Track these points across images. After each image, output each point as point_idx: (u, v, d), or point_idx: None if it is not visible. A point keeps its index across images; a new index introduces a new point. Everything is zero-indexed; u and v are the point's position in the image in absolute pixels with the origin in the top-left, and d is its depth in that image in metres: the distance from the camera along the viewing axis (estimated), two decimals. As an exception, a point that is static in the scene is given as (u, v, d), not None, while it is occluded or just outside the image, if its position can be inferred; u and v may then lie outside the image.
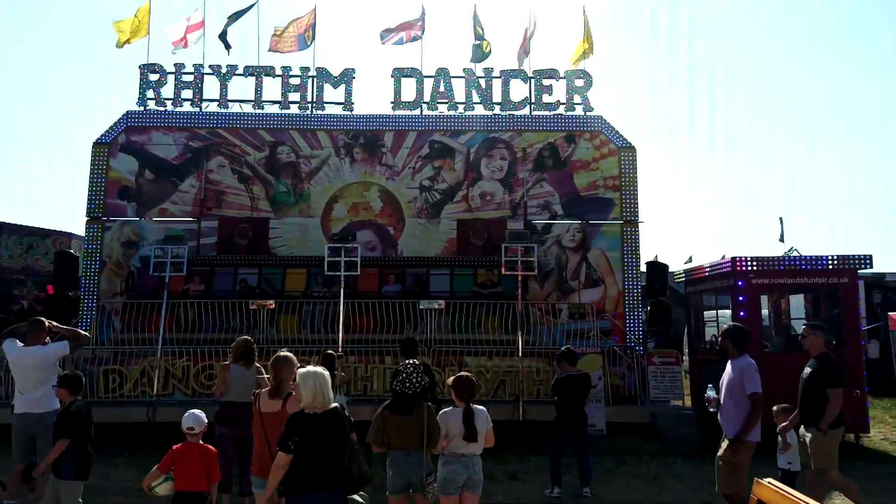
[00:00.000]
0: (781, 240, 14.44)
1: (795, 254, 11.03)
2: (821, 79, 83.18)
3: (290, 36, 14.32)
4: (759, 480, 4.22)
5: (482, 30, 14.45)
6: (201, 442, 5.13)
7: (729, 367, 5.88)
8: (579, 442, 7.66)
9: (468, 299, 11.87)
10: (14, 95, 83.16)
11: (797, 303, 12.26)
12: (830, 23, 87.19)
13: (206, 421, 5.23)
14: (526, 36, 14.42)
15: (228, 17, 14.42)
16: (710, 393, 6.01)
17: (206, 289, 12.23)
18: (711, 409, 5.96)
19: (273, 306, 11.50)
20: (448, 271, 12.72)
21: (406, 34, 14.45)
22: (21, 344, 6.46)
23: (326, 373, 4.31)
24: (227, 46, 14.37)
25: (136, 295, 12.34)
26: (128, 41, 14.12)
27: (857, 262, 10.32)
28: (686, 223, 64.89)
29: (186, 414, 5.17)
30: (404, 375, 4.95)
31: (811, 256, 10.62)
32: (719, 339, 6.09)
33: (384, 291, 12.20)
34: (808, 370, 6.42)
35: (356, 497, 4.47)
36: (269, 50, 14.31)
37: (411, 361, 5.12)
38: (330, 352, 7.89)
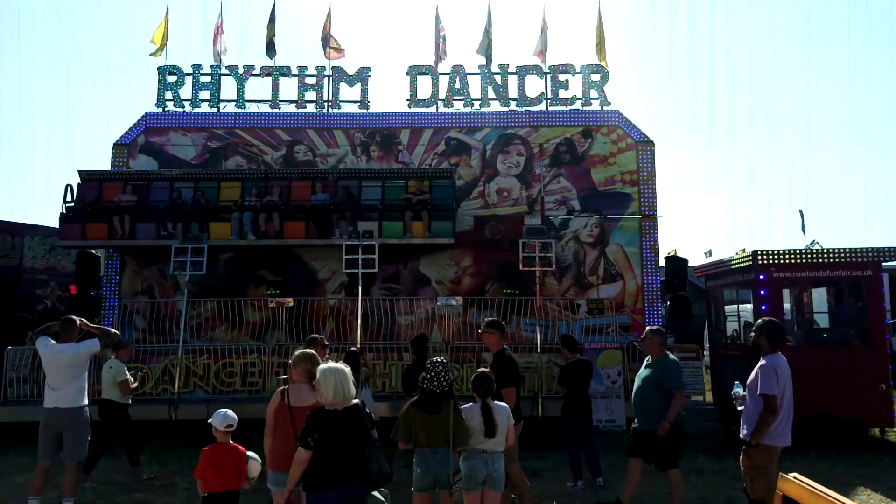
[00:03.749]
0: (803, 233, 14.22)
1: (817, 247, 10.85)
2: (841, 70, 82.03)
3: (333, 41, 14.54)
4: (785, 476, 4.18)
5: (490, 31, 14.38)
6: (232, 442, 5.13)
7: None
8: (585, 429, 7.74)
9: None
10: (34, 98, 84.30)
11: (820, 296, 12.11)
12: (851, 13, 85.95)
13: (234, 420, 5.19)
14: (542, 37, 14.32)
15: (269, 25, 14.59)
16: (738, 390, 5.83)
17: (139, 200, 12.63)
18: (739, 408, 5.77)
19: (292, 304, 11.57)
20: (379, 183, 12.98)
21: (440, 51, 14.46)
22: (54, 342, 6.60)
23: (347, 369, 4.31)
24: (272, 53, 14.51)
25: (78, 215, 12.46)
26: (160, 49, 14.38)
27: (881, 254, 10.16)
28: (705, 217, 64.33)
29: (224, 413, 5.12)
30: (433, 374, 4.94)
31: (833, 249, 10.48)
32: (752, 333, 5.89)
33: (313, 200, 12.54)
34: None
35: (376, 494, 4.48)
36: (329, 59, 14.42)
37: (439, 359, 5.11)
38: (353, 349, 7.92)
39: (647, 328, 7.02)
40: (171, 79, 13.95)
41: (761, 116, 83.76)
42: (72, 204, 12.64)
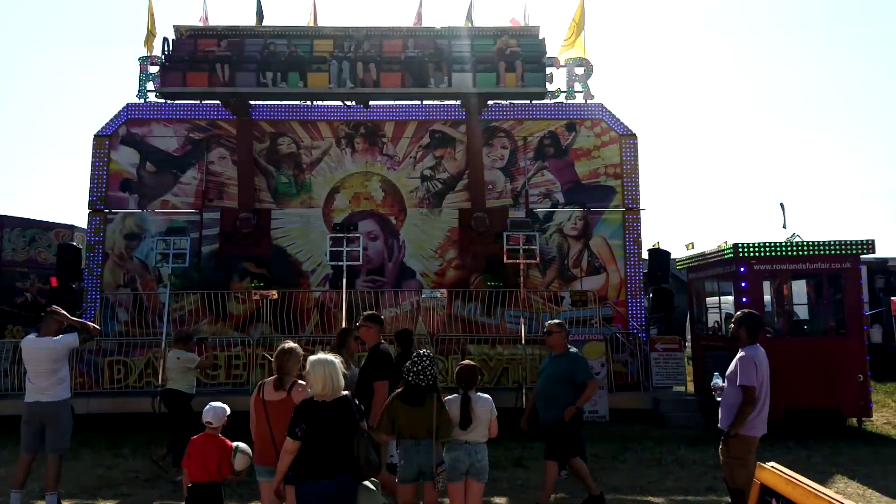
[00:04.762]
0: (784, 226, 14.41)
1: (798, 239, 10.97)
2: (823, 64, 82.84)
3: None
4: (762, 465, 4.23)
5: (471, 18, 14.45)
6: (220, 436, 5.09)
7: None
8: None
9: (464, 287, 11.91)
10: (15, 89, 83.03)
11: (800, 288, 12.27)
12: (833, 7, 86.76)
13: (227, 414, 5.11)
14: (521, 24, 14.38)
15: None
16: (717, 381, 5.87)
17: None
18: (718, 399, 5.79)
19: (276, 296, 11.55)
20: (469, 41, 13.49)
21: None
22: (35, 336, 6.56)
23: (337, 360, 4.33)
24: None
25: (178, 64, 12.93)
26: (149, 42, 14.24)
27: (859, 246, 10.31)
28: (688, 210, 64.85)
29: (206, 407, 5.10)
30: (419, 367, 4.94)
31: (813, 242, 10.62)
32: (732, 325, 5.94)
33: (406, 54, 12.97)
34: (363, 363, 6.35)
35: (367, 483, 4.51)
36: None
37: (425, 352, 5.11)
38: (347, 327, 7.79)
39: (550, 322, 6.81)
40: (153, 69, 13.80)
41: (744, 109, 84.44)
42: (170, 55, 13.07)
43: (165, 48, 13.02)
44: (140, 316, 12.57)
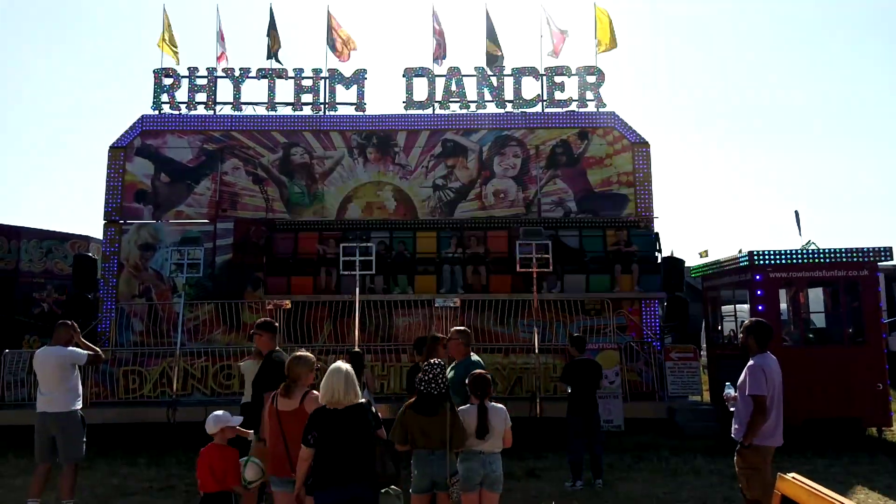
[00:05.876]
0: (799, 233, 14.30)
1: (813, 247, 10.89)
2: (838, 70, 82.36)
3: (340, 43, 14.61)
4: (783, 475, 4.18)
5: (495, 36, 14.47)
6: (225, 445, 5.08)
7: None
8: (589, 429, 7.74)
9: (478, 295, 11.92)
10: (30, 101, 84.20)
11: (816, 296, 12.15)
12: (847, 12, 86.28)
13: (221, 422, 5.04)
14: (556, 41, 14.37)
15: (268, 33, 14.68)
16: (729, 391, 5.81)
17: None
18: (731, 409, 5.73)
19: (289, 306, 11.56)
20: (577, 232, 12.80)
21: (436, 50, 14.56)
22: (47, 346, 6.65)
23: (345, 368, 4.34)
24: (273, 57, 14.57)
25: (282, 267, 12.33)
26: (175, 56, 14.42)
27: (876, 254, 10.21)
28: (702, 218, 64.49)
29: (214, 415, 5.10)
30: (431, 376, 4.91)
31: (829, 249, 10.52)
32: (741, 334, 5.87)
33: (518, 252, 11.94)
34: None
35: (388, 490, 4.51)
36: (341, 59, 14.55)
37: (437, 361, 5.08)
38: (356, 350, 7.87)
39: (453, 328, 6.59)
40: (168, 81, 13.96)
41: (758, 115, 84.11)
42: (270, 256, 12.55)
43: (268, 247, 12.66)
44: (155, 326, 12.64)
